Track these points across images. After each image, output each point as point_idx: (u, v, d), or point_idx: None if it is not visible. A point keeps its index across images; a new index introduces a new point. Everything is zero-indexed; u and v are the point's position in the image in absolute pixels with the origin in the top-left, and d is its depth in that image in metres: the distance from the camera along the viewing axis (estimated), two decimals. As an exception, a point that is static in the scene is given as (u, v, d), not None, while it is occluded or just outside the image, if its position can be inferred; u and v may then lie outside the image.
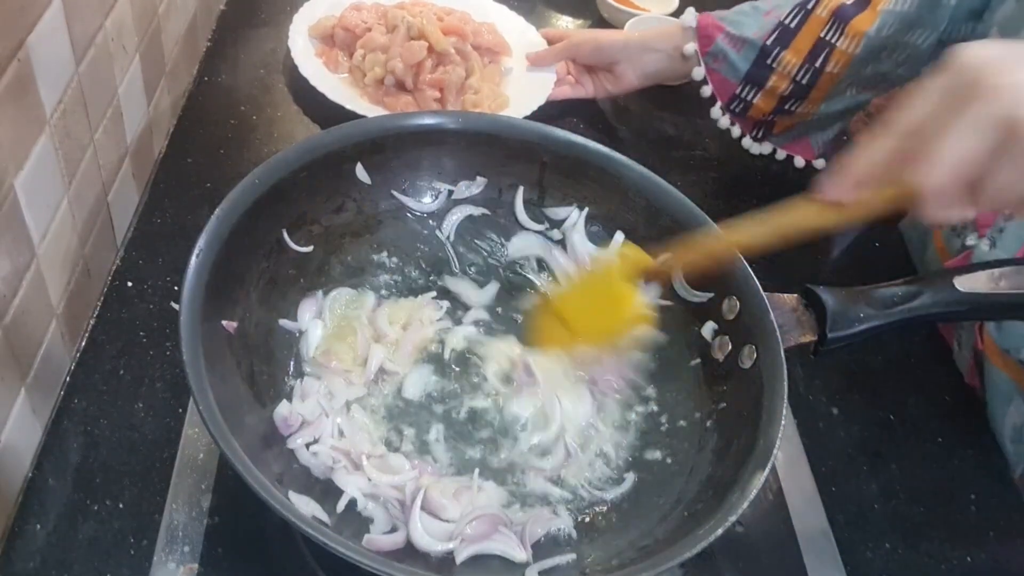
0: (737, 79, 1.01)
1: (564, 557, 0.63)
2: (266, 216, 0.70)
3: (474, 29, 1.10)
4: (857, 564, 0.74)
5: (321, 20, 1.10)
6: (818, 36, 0.96)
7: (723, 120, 1.06)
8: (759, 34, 0.99)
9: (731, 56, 1.01)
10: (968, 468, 0.83)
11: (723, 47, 1.01)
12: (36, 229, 0.67)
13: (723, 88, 1.03)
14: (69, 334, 0.76)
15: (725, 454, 0.67)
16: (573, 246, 0.81)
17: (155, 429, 0.73)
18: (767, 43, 0.98)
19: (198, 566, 0.66)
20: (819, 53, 0.96)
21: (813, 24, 0.96)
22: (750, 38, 0.99)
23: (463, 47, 1.07)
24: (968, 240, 0.89)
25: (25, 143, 0.63)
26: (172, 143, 0.99)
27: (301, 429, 0.67)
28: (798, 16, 0.97)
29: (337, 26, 1.09)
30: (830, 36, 0.95)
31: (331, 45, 1.10)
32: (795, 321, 0.68)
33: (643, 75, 1.08)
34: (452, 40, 1.06)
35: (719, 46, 1.01)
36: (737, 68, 1.01)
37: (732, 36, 1.01)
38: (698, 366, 0.75)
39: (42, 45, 0.63)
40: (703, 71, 1.03)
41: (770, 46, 0.98)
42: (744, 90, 1.02)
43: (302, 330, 0.73)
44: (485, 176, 0.82)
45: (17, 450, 0.68)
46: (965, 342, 0.91)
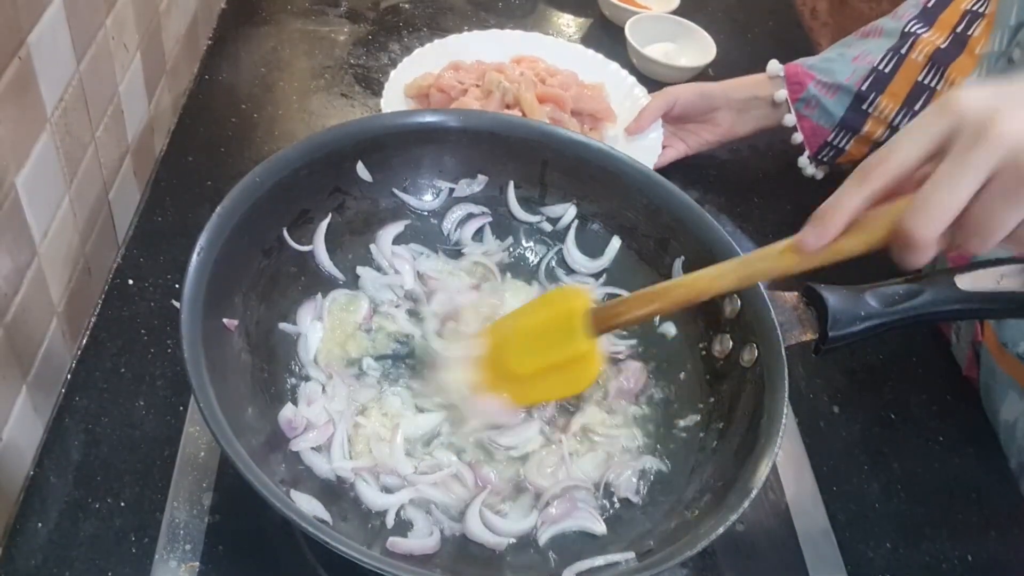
0: (831, 125, 1.00)
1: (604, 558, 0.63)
2: (267, 214, 0.70)
3: (576, 94, 1.03)
4: (858, 563, 0.74)
5: (417, 80, 1.04)
6: (915, 80, 0.94)
7: (809, 168, 1.05)
8: (852, 79, 0.98)
9: (824, 102, 1.00)
10: (969, 467, 0.83)
11: (816, 93, 1.00)
12: (37, 227, 0.67)
13: (815, 135, 1.02)
14: (70, 332, 0.76)
15: (725, 453, 0.67)
16: (569, 253, 0.83)
17: (156, 427, 0.73)
18: (862, 88, 0.97)
19: (199, 564, 0.66)
20: (918, 97, 0.95)
21: (909, 69, 0.95)
22: (843, 84, 0.98)
23: (560, 115, 1.01)
24: None
25: (26, 141, 0.63)
26: (173, 141, 0.99)
27: (305, 432, 0.67)
28: (892, 61, 0.96)
29: (434, 87, 1.03)
30: (929, 80, 0.94)
31: (425, 106, 1.04)
32: (796, 319, 0.68)
33: (742, 122, 1.05)
34: (547, 109, 1.00)
35: (811, 92, 1.00)
36: (831, 114, 1.00)
37: (824, 83, 1.00)
38: (699, 365, 0.75)
39: (43, 43, 0.63)
40: (794, 118, 1.02)
41: (865, 91, 0.97)
42: (837, 137, 1.01)
43: (302, 333, 0.73)
44: (486, 174, 0.82)
45: (19, 448, 0.68)
46: (964, 334, 0.91)
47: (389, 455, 0.67)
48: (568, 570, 0.61)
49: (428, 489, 0.66)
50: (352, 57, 1.16)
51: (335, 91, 1.11)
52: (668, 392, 0.75)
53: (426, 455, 0.69)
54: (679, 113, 1.05)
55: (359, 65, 1.15)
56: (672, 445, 0.72)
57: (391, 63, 1.12)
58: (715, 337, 0.73)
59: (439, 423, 0.70)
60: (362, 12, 1.24)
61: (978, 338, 0.87)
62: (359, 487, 0.66)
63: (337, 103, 1.09)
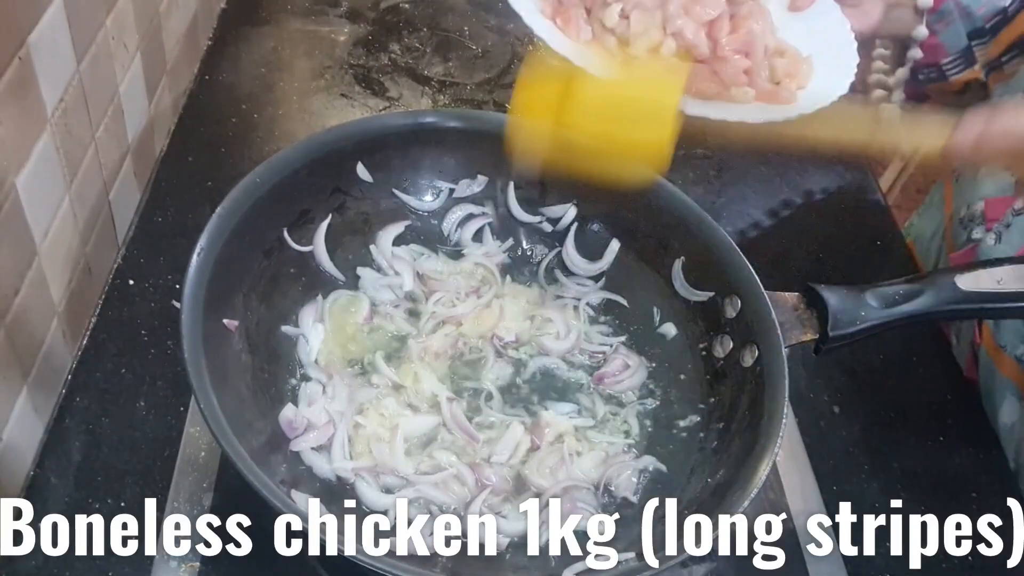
0: (953, 51, 0.88)
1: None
2: (267, 215, 0.70)
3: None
4: (858, 563, 0.74)
5: None
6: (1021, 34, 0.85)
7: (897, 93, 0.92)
8: (984, 10, 0.86)
9: (957, 24, 0.87)
10: (970, 467, 0.83)
11: (952, 9, 0.87)
12: (37, 228, 0.67)
13: (932, 54, 0.89)
14: (71, 332, 0.76)
15: (725, 453, 0.67)
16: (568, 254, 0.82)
17: (156, 428, 0.73)
18: (987, 26, 0.86)
19: (199, 564, 0.66)
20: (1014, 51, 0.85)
21: (1022, 19, 0.85)
22: (973, 12, 0.86)
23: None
24: (974, 233, 0.89)
25: (26, 142, 0.64)
26: (173, 142, 0.99)
27: (306, 432, 0.67)
28: (1015, 2, 0.85)
29: None
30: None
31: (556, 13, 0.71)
32: (796, 320, 0.68)
33: (886, 19, 0.87)
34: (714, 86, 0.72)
35: (949, 7, 0.87)
36: (960, 36, 0.87)
37: (959, 2, 0.87)
38: (699, 365, 0.75)
39: (43, 44, 0.63)
40: (926, 32, 0.87)
41: (988, 30, 0.87)
42: (953, 63, 0.89)
43: (304, 335, 0.73)
44: (486, 174, 0.82)
45: (19, 448, 0.68)
46: (964, 335, 0.91)
47: (389, 455, 0.68)
48: (568, 570, 0.61)
49: (428, 489, 0.66)
50: (352, 57, 1.16)
51: (335, 91, 1.11)
52: (668, 392, 0.75)
53: (426, 456, 0.69)
54: None
55: (359, 65, 1.15)
56: (672, 445, 0.72)
57: (391, 63, 1.12)
58: (715, 337, 0.73)
59: (438, 424, 0.70)
60: (362, 12, 1.24)
61: (977, 340, 0.87)
62: (359, 487, 0.66)
63: (337, 103, 1.09)
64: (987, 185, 0.85)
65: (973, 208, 0.90)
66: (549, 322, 0.78)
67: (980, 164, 0.54)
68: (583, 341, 0.77)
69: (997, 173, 0.82)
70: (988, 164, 0.55)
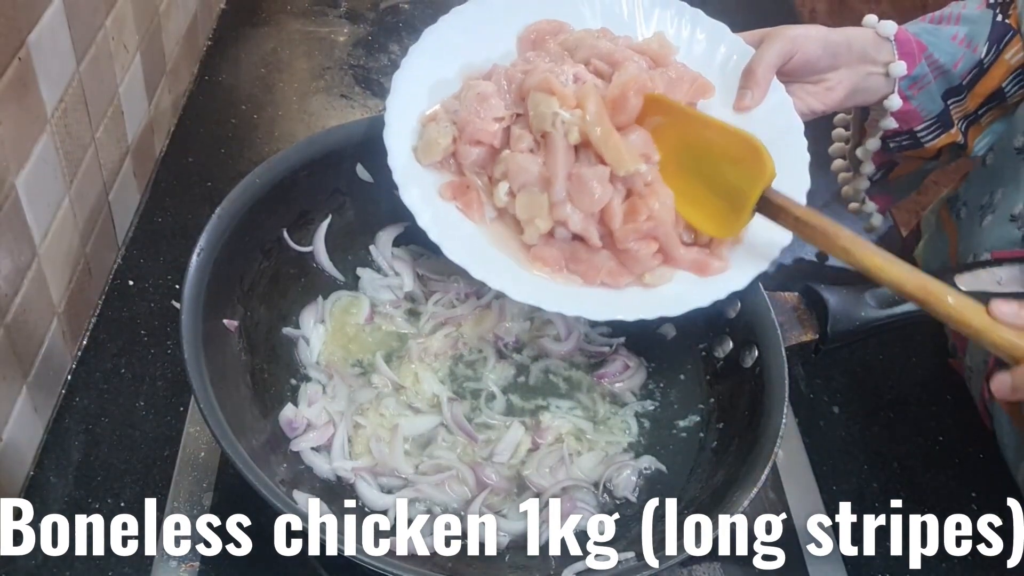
0: (928, 116, 0.80)
1: None
2: (267, 215, 0.70)
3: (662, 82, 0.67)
4: (858, 563, 0.74)
5: (430, 134, 0.66)
6: (998, 86, 0.79)
7: (868, 165, 0.86)
8: (959, 69, 0.78)
9: (931, 86, 0.78)
10: (970, 467, 0.83)
11: (927, 72, 0.78)
12: (37, 228, 0.67)
13: (906, 121, 0.80)
14: (70, 332, 0.76)
15: (725, 453, 0.67)
16: None
17: (156, 427, 0.73)
18: (964, 82, 0.79)
19: (199, 564, 0.66)
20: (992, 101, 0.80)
21: (998, 69, 0.78)
22: (949, 70, 0.78)
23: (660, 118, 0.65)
24: None
25: (26, 142, 0.64)
26: (173, 142, 0.99)
27: (306, 432, 0.67)
28: (991, 54, 0.78)
29: (461, 141, 0.65)
30: (1008, 87, 0.79)
31: (460, 171, 0.67)
32: (796, 320, 0.68)
33: (854, 91, 0.78)
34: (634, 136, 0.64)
35: (923, 70, 0.78)
36: (935, 100, 0.79)
37: (934, 62, 0.78)
38: (699, 365, 0.75)
39: (43, 44, 0.63)
40: (900, 102, 0.78)
41: (965, 86, 0.79)
42: (928, 129, 0.81)
43: (305, 337, 0.73)
44: (486, 175, 0.82)
45: (19, 448, 0.68)
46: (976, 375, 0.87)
47: (389, 455, 0.68)
48: (568, 570, 0.61)
49: (429, 489, 0.66)
50: (352, 58, 1.16)
51: (335, 92, 1.11)
52: (668, 392, 0.75)
53: (426, 456, 0.69)
54: (791, 69, 0.75)
55: (359, 66, 1.15)
56: (672, 445, 0.72)
57: (391, 64, 1.12)
58: (715, 338, 0.73)
59: (438, 424, 0.70)
60: (362, 12, 1.24)
61: (985, 395, 0.85)
62: (359, 487, 0.66)
63: (337, 104, 1.09)
64: (993, 236, 0.81)
65: (980, 259, 0.83)
66: (549, 323, 0.78)
67: None
68: (583, 342, 0.77)
69: (1004, 225, 0.80)
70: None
